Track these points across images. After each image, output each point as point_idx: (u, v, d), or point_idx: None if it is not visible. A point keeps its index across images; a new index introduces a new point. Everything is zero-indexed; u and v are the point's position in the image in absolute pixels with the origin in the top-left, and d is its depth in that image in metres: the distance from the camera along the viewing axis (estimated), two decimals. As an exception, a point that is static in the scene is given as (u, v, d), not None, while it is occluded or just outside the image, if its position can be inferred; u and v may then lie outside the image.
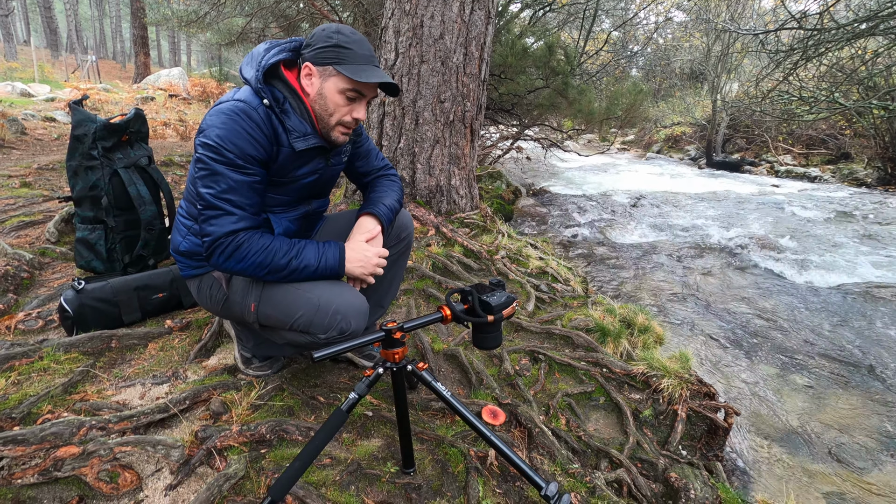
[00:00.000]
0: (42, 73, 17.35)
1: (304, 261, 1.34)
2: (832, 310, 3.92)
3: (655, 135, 17.75)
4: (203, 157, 1.26)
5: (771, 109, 9.79)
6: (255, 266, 1.30)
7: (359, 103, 1.38)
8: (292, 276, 1.35)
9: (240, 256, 1.28)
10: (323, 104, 1.36)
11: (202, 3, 7.14)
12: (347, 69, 1.30)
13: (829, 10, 5.39)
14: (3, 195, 3.48)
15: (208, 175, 1.26)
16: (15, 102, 9.23)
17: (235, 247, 1.27)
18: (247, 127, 1.28)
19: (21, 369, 1.63)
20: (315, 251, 1.36)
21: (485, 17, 3.34)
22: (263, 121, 1.31)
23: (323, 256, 1.36)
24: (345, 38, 1.32)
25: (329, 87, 1.34)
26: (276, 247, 1.31)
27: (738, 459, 2.21)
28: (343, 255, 1.39)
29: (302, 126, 1.38)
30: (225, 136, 1.25)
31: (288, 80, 1.37)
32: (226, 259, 1.28)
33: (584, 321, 2.39)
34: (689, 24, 16.49)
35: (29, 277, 2.33)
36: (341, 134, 1.42)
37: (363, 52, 1.33)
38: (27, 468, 1.26)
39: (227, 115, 1.27)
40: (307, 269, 1.34)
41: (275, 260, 1.30)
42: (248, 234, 1.29)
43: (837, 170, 11.30)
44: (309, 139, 1.39)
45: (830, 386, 2.85)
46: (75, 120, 2.24)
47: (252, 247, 1.28)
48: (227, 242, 1.27)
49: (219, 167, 1.26)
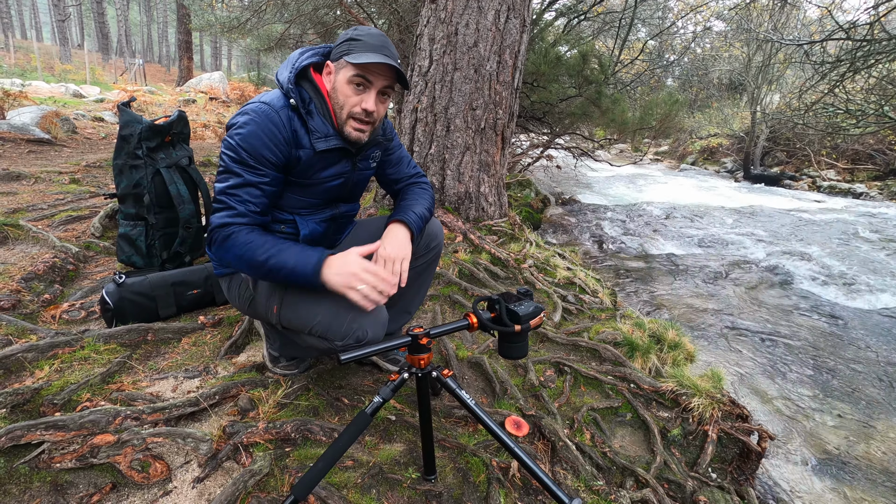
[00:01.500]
0: (93, 76, 18.26)
1: (281, 261, 1.30)
2: (878, 333, 3.72)
3: (690, 146, 17.33)
4: (223, 154, 1.37)
5: (814, 122, 9.41)
6: (236, 258, 1.33)
7: (367, 93, 1.37)
8: (270, 274, 1.33)
9: (226, 247, 1.33)
10: (336, 98, 1.39)
11: (244, 10, 7.39)
12: (351, 56, 1.32)
13: (879, 20, 5.17)
14: (53, 190, 3.67)
15: (223, 171, 1.36)
16: (68, 103, 9.73)
17: (224, 237, 1.33)
18: (266, 129, 1.33)
19: (64, 357, 1.71)
20: (296, 254, 1.32)
21: (520, 25, 3.34)
22: (283, 123, 1.35)
23: (301, 260, 1.30)
24: (358, 32, 1.36)
25: (340, 78, 1.37)
26: (258, 243, 1.31)
27: (773, 486, 2.11)
28: (321, 262, 1.30)
29: (324, 127, 1.41)
30: (243, 136, 1.33)
31: (315, 82, 1.42)
32: (216, 248, 1.35)
33: (612, 334, 2.34)
34: (729, 34, 16.06)
35: (74, 269, 2.44)
36: (354, 129, 1.40)
37: (372, 42, 1.34)
38: (66, 453, 1.31)
39: (250, 116, 1.34)
40: (283, 269, 1.30)
41: (254, 256, 1.30)
42: (238, 227, 1.33)
43: (885, 186, 10.78)
44: (330, 140, 1.42)
45: (874, 413, 2.70)
46: (123, 120, 2.34)
47: (237, 240, 1.32)
48: (218, 233, 1.33)
49: (232, 165, 1.34)
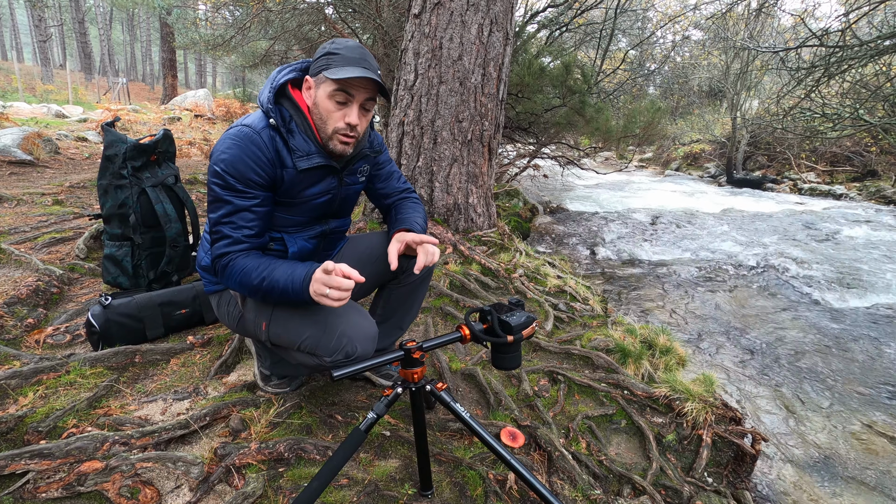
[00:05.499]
0: (76, 95, 18.10)
1: (273, 280, 1.30)
2: (863, 332, 3.78)
3: (674, 152, 17.60)
4: (210, 184, 1.37)
5: (793, 126, 9.61)
6: (237, 285, 1.37)
7: (349, 107, 1.36)
8: (268, 295, 1.33)
9: (227, 276, 1.37)
10: (318, 113, 1.38)
11: (228, 27, 7.40)
12: (331, 71, 1.32)
13: (850, 27, 5.33)
14: (36, 212, 3.61)
15: (213, 201, 1.37)
16: (50, 123, 9.62)
17: (223, 267, 1.36)
18: (248, 152, 1.33)
19: (48, 383, 1.67)
20: (285, 270, 1.31)
21: (503, 38, 3.39)
22: (266, 144, 1.35)
23: (291, 276, 1.29)
24: (336, 46, 1.35)
25: (320, 94, 1.36)
26: (251, 267, 1.34)
27: (767, 488, 2.12)
28: (310, 275, 1.27)
29: (306, 145, 1.40)
30: (228, 162, 1.33)
31: (294, 99, 1.41)
32: (221, 277, 1.39)
33: (604, 341, 2.35)
34: (707, 43, 16.43)
35: (58, 292, 2.40)
36: (340, 143, 1.40)
37: (351, 55, 1.33)
38: (52, 482, 1.28)
39: (232, 141, 1.34)
40: (276, 287, 1.30)
41: (249, 279, 1.33)
42: (235, 255, 1.35)
43: (864, 187, 11.02)
44: (312, 158, 1.41)
45: (864, 412, 2.74)
46: (107, 140, 2.32)
47: (235, 267, 1.35)
48: (218, 263, 1.37)
49: (221, 192, 1.35)
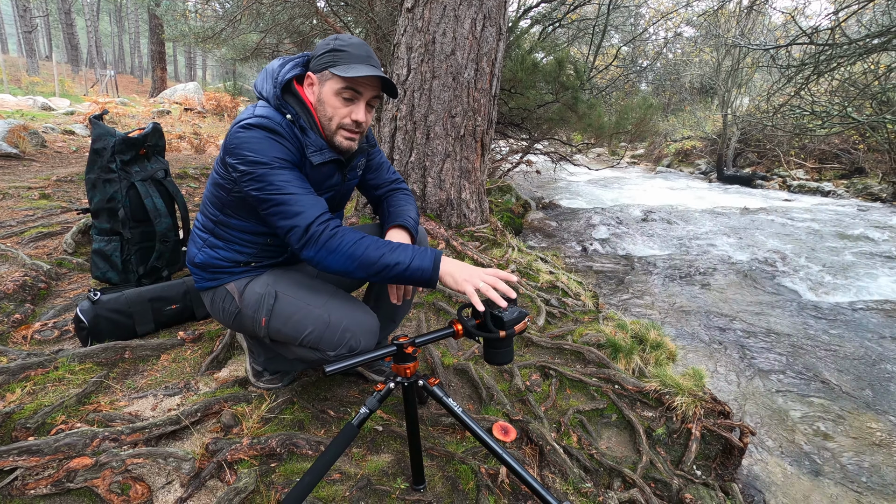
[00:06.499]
0: (62, 88, 17.81)
1: (397, 258, 1.28)
2: (848, 327, 3.84)
3: (665, 149, 17.71)
4: (247, 172, 1.28)
5: (783, 124, 9.73)
6: (346, 257, 1.27)
7: (356, 104, 1.36)
8: (383, 272, 1.28)
9: (332, 247, 1.27)
10: (323, 110, 1.37)
11: (218, 20, 7.31)
12: (339, 69, 1.30)
13: (840, 25, 5.39)
14: (22, 206, 3.56)
15: (263, 184, 1.28)
16: (36, 116, 9.47)
17: (330, 235, 1.27)
18: (276, 139, 1.31)
19: (37, 379, 1.65)
20: (406, 250, 1.30)
21: (496, 33, 3.38)
22: (290, 134, 1.34)
23: (416, 257, 1.28)
24: (341, 42, 1.34)
25: (326, 90, 1.35)
26: (368, 241, 1.29)
27: (754, 481, 2.16)
28: (439, 259, 1.29)
29: (318, 140, 1.39)
30: (259, 148, 1.28)
31: (300, 95, 1.39)
32: (318, 249, 1.27)
33: (596, 336, 2.37)
34: (699, 40, 16.52)
35: (46, 288, 2.37)
36: (345, 139, 1.40)
37: (358, 52, 1.33)
38: (40, 479, 1.27)
39: (256, 129, 1.29)
40: (398, 265, 1.27)
41: (367, 253, 1.27)
42: (337, 223, 1.30)
43: (851, 184, 11.17)
44: (325, 153, 1.41)
45: (848, 405, 2.79)
46: (95, 134, 2.29)
47: (345, 238, 1.27)
48: (319, 230, 1.27)
49: (267, 171, 1.27)
